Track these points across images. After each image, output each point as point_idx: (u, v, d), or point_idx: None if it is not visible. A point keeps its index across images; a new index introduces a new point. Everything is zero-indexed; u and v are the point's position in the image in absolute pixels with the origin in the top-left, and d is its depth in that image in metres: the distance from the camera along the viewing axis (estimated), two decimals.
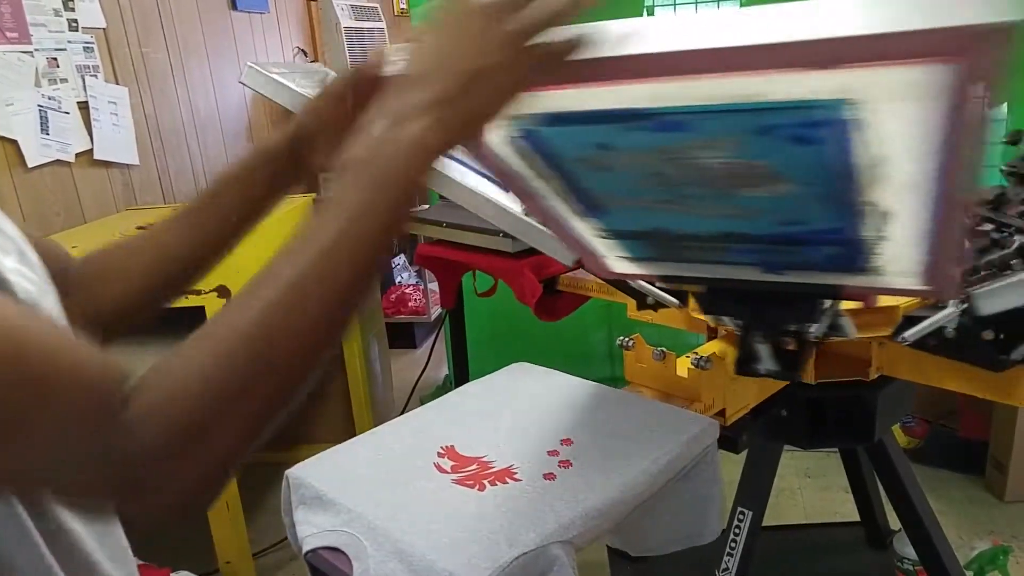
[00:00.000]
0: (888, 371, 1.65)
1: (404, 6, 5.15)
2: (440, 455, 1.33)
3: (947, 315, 1.39)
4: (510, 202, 2.18)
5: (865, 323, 1.55)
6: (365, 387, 3.26)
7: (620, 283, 2.01)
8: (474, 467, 1.28)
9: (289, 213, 2.57)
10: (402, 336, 4.76)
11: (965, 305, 1.36)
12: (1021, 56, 0.52)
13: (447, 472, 1.27)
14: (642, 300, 1.96)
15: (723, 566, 2.00)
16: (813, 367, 1.67)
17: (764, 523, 2.00)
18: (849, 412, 1.82)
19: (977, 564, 2.34)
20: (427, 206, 3.66)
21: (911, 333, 1.43)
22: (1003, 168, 1.77)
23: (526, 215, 1.57)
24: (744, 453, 1.95)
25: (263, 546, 2.74)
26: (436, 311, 4.75)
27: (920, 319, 1.42)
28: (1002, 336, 1.39)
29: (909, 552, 2.21)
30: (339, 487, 1.26)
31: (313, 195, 2.96)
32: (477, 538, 1.09)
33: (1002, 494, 2.97)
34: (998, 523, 2.86)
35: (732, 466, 1.97)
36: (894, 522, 2.13)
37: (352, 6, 4.65)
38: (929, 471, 3.14)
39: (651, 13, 3.39)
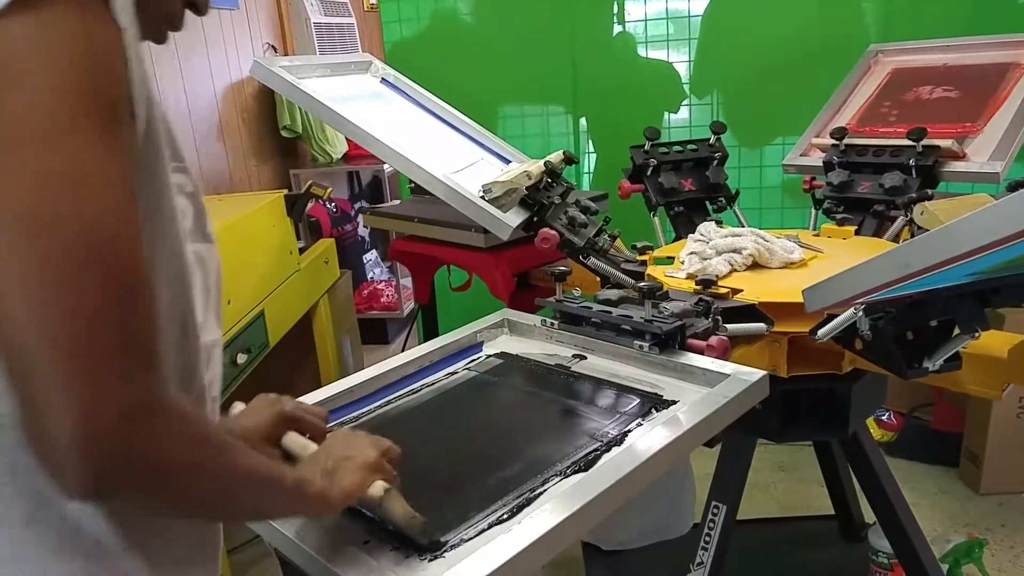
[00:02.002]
0: (861, 364, 1.64)
1: (374, 1, 5.11)
2: None
3: (847, 317, 1.38)
4: (445, 169, 2.18)
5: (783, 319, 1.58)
6: None
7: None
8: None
9: (259, 210, 2.53)
10: (374, 332, 4.72)
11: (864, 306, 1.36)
12: None
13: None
14: (605, 280, 1.96)
15: (697, 560, 1.98)
16: (786, 361, 1.66)
17: (738, 517, 1.99)
18: (823, 405, 1.81)
19: (952, 557, 2.33)
20: (398, 201, 3.64)
21: (823, 332, 1.43)
22: None
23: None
24: (718, 447, 1.94)
25: (238, 543, 2.71)
26: (408, 306, 4.72)
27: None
28: (914, 344, 1.39)
29: (884, 545, 2.20)
30: None
31: (284, 191, 2.93)
32: None
33: (976, 486, 2.98)
34: (972, 516, 2.86)
35: (707, 460, 1.95)
36: (868, 515, 2.12)
37: (322, 1, 4.61)
38: (903, 464, 3.14)
39: (621, 7, 3.37)
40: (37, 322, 0.58)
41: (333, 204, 4.67)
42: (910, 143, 2.08)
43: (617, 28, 3.45)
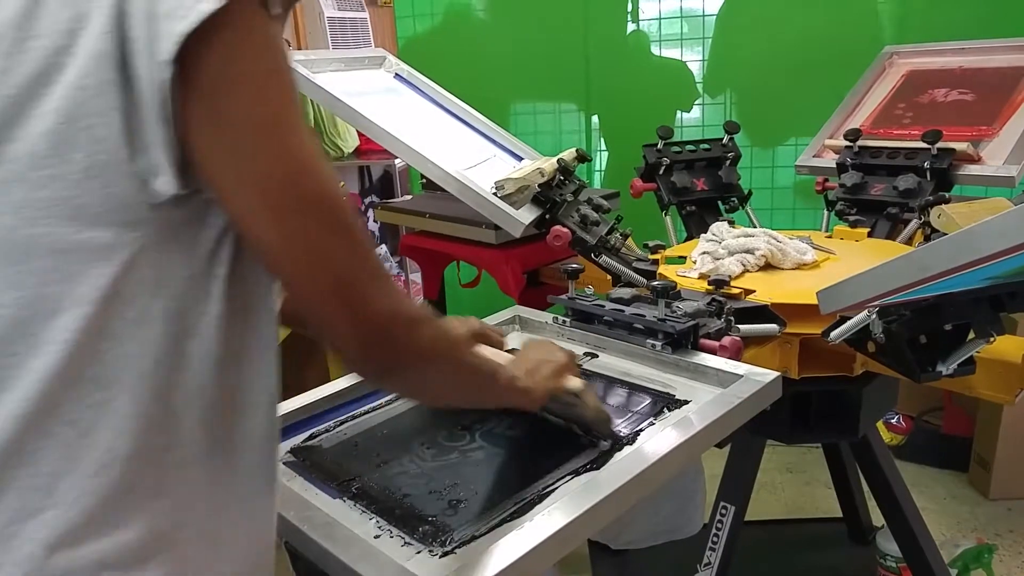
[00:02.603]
0: (873, 367, 1.63)
1: None
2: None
3: (861, 320, 1.38)
4: (458, 165, 2.18)
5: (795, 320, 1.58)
6: None
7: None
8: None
9: None
10: None
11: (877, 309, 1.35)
12: None
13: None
14: (616, 279, 1.95)
15: (705, 560, 1.98)
16: (798, 362, 1.66)
17: (746, 518, 1.98)
18: (833, 407, 1.81)
19: (961, 562, 2.32)
20: (409, 196, 3.63)
21: (836, 334, 1.43)
22: None
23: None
24: (727, 448, 1.93)
25: None
26: (417, 302, 4.72)
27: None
28: (927, 347, 1.38)
29: (892, 549, 2.20)
30: None
31: None
32: None
33: (986, 491, 2.96)
34: (981, 520, 2.85)
35: (716, 461, 1.95)
36: (876, 518, 2.12)
37: None
38: (912, 467, 3.13)
39: (636, 5, 3.36)
40: (305, 273, 0.76)
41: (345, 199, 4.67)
42: (925, 145, 2.07)
43: (631, 26, 3.44)
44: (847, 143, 2.25)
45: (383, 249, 5.23)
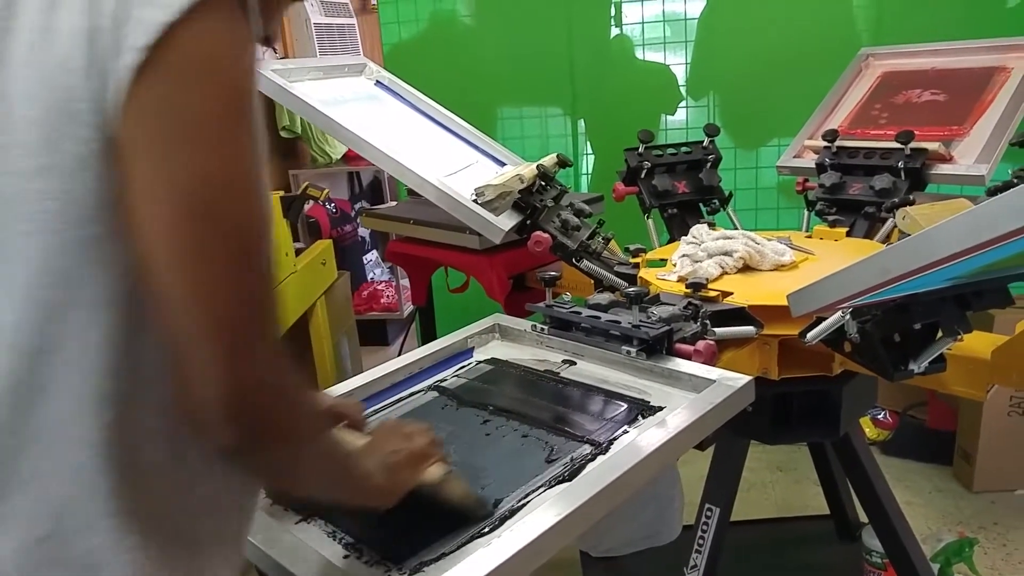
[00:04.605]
0: (851, 366, 1.65)
1: (373, 2, 5.11)
2: None
3: (836, 320, 1.41)
4: (439, 172, 2.18)
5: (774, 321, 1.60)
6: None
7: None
8: None
9: None
10: (374, 333, 4.73)
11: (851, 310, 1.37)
12: None
13: None
14: (599, 283, 1.97)
15: (691, 563, 1.99)
16: (777, 363, 1.67)
17: (735, 518, 2.00)
18: (814, 407, 1.83)
19: (944, 556, 2.34)
20: (395, 203, 3.64)
21: (812, 334, 1.45)
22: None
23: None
24: (711, 450, 1.95)
25: None
26: (408, 308, 4.73)
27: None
28: (900, 346, 1.40)
29: (877, 545, 2.21)
30: None
31: (281, 193, 2.95)
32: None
33: (970, 484, 2.99)
34: (965, 513, 2.88)
35: (700, 463, 1.96)
36: (864, 515, 2.14)
37: (322, 2, 4.63)
38: (898, 462, 3.15)
39: (619, 10, 3.38)
40: (195, 304, 0.68)
41: (332, 205, 4.68)
42: (899, 146, 2.10)
43: (615, 31, 3.46)
44: (825, 144, 2.27)
45: (373, 255, 5.25)
